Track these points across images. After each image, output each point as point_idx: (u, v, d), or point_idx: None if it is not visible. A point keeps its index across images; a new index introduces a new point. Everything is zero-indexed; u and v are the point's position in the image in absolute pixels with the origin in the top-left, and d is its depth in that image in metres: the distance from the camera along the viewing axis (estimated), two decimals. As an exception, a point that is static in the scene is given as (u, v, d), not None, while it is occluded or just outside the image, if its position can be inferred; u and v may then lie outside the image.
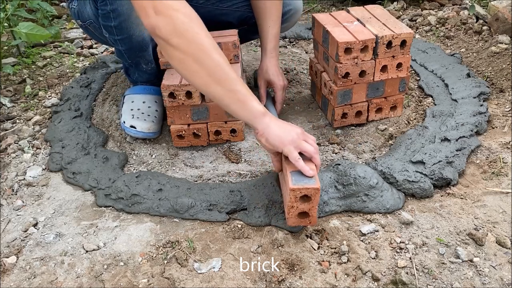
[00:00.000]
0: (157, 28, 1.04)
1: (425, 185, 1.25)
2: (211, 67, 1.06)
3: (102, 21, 1.38)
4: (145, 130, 1.49)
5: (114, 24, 1.36)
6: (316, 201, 1.07)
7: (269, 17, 1.56)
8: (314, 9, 2.71)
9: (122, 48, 1.45)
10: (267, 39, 1.57)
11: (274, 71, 1.59)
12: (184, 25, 1.04)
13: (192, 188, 1.28)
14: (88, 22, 1.49)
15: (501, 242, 1.10)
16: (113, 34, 1.40)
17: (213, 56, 1.06)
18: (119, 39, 1.40)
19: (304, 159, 1.10)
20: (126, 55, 1.48)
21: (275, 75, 1.58)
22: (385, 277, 1.04)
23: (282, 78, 1.60)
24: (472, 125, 1.45)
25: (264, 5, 1.55)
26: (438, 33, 2.19)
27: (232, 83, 1.08)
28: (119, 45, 1.44)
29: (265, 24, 1.57)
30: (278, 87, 1.58)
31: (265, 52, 1.59)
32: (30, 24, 1.85)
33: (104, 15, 1.35)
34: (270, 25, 1.56)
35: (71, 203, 1.31)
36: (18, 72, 2.06)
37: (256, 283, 1.04)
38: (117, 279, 1.07)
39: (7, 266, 1.11)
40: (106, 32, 1.42)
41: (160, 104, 1.59)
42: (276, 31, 1.58)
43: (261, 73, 1.60)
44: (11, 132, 1.64)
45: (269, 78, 1.59)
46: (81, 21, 1.52)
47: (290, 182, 1.06)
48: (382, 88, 1.50)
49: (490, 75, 1.76)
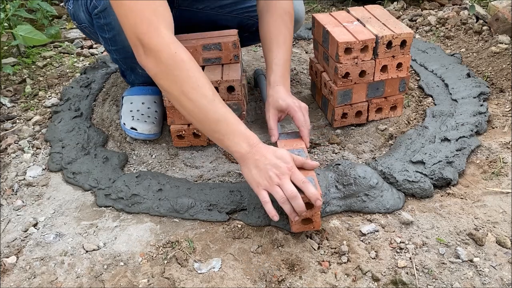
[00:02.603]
0: (146, 68, 1.11)
1: (425, 185, 1.25)
2: (189, 109, 1.10)
3: (97, 30, 1.39)
4: (146, 132, 1.49)
5: (108, 36, 1.37)
6: (319, 207, 1.08)
7: (274, 43, 1.37)
8: (314, 9, 2.71)
9: (117, 56, 1.46)
10: (272, 71, 1.36)
11: (284, 96, 1.32)
12: (168, 67, 1.08)
13: (192, 188, 1.28)
14: (83, 25, 1.50)
15: (501, 242, 1.10)
16: (108, 44, 1.41)
17: (191, 97, 1.09)
18: (114, 49, 1.41)
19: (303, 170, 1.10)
20: (121, 62, 1.49)
21: (287, 99, 1.31)
22: (385, 277, 1.04)
23: (297, 100, 1.33)
24: (472, 125, 1.45)
25: (268, 28, 1.39)
26: (438, 33, 2.19)
27: (212, 124, 1.10)
28: (114, 54, 1.45)
29: (269, 53, 1.38)
30: (295, 108, 1.29)
31: (270, 85, 1.36)
32: (28, 27, 1.87)
33: (99, 27, 1.36)
34: (275, 55, 1.37)
35: (71, 203, 1.31)
36: (18, 72, 2.06)
37: (256, 283, 1.04)
38: (117, 279, 1.07)
39: (7, 266, 1.11)
40: (101, 40, 1.43)
41: (159, 104, 1.58)
42: (284, 58, 1.37)
43: (268, 104, 1.34)
44: (11, 132, 1.64)
45: (279, 105, 1.31)
46: (77, 23, 1.52)
47: None
48: (382, 88, 1.50)
49: (490, 75, 1.76)
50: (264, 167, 1.06)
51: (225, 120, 1.10)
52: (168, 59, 1.07)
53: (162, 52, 1.07)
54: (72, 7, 1.48)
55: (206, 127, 1.13)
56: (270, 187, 1.06)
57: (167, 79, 1.10)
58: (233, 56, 1.44)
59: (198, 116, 1.11)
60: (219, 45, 1.41)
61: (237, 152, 1.10)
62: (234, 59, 1.45)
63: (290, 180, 1.05)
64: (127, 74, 1.60)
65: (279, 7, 1.39)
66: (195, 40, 1.43)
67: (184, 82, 1.09)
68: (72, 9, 1.49)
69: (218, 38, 1.43)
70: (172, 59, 1.08)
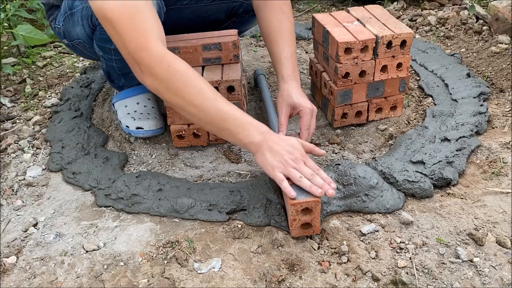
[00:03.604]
0: (146, 85, 1.13)
1: (425, 185, 1.25)
2: (196, 114, 1.13)
3: (100, 43, 1.38)
4: (153, 128, 1.48)
5: (113, 47, 1.36)
6: (317, 212, 1.08)
7: (279, 36, 1.38)
8: (314, 9, 2.71)
9: (116, 65, 1.45)
10: (282, 65, 1.36)
11: (298, 93, 1.33)
12: (166, 82, 1.10)
13: (192, 188, 1.28)
14: (76, 42, 1.47)
15: (501, 242, 1.10)
16: (110, 55, 1.41)
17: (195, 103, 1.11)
18: (115, 59, 1.41)
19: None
20: (117, 68, 1.48)
21: (301, 98, 1.32)
22: (385, 277, 1.04)
23: (309, 102, 1.33)
24: (472, 125, 1.45)
25: (269, 22, 1.39)
26: (438, 33, 2.19)
27: (220, 123, 1.13)
28: (114, 62, 1.44)
29: (276, 47, 1.38)
30: (307, 110, 1.30)
31: (283, 78, 1.36)
32: (29, 27, 1.87)
33: (103, 39, 1.35)
34: (282, 48, 1.37)
35: (71, 203, 1.31)
36: (18, 72, 2.06)
37: (256, 283, 1.04)
38: (117, 279, 1.07)
39: (7, 266, 1.11)
40: (100, 51, 1.42)
41: (153, 100, 1.58)
42: (291, 50, 1.37)
43: (282, 98, 1.34)
44: (11, 132, 1.64)
45: (293, 102, 1.31)
46: (68, 40, 1.49)
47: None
48: (382, 88, 1.50)
49: (490, 75, 1.76)
50: (278, 151, 1.10)
51: (232, 116, 1.12)
52: (163, 74, 1.09)
53: (156, 69, 1.08)
54: (62, 25, 1.45)
55: (215, 128, 1.15)
56: (286, 169, 1.09)
57: (168, 92, 1.12)
58: (233, 56, 1.44)
59: (206, 119, 1.13)
60: (219, 45, 1.41)
61: (251, 143, 1.12)
62: (234, 59, 1.45)
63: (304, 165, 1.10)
64: (115, 79, 1.55)
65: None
66: (195, 40, 1.43)
67: (185, 91, 1.11)
68: (62, 27, 1.46)
69: (218, 38, 1.43)
70: (168, 72, 1.09)
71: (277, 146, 1.11)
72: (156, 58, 1.08)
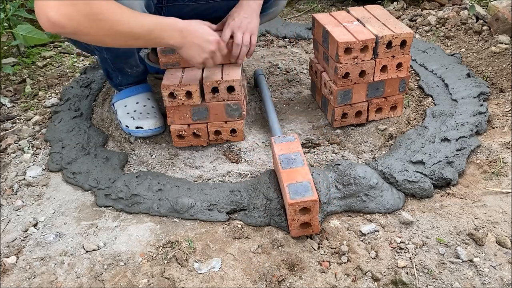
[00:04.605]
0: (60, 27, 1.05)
1: (425, 185, 1.25)
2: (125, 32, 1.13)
3: None
4: (153, 127, 1.48)
5: None
6: (316, 211, 1.08)
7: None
8: (314, 9, 2.71)
9: (107, 56, 1.45)
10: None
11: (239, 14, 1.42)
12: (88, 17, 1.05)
13: (192, 188, 1.28)
14: None
15: (501, 242, 1.10)
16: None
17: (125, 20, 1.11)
18: (106, 48, 1.41)
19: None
20: (110, 62, 1.47)
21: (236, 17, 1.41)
22: (385, 277, 1.04)
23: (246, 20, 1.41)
24: (472, 125, 1.45)
25: None
26: (438, 33, 2.19)
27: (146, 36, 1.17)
28: (105, 53, 1.44)
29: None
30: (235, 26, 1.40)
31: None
32: (29, 26, 1.87)
33: None
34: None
35: (71, 203, 1.31)
36: (18, 72, 2.06)
37: (256, 283, 1.04)
38: (117, 279, 1.07)
39: (7, 266, 1.11)
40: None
41: (152, 99, 1.58)
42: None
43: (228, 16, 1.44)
44: (11, 132, 1.64)
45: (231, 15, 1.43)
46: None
47: (288, 196, 1.07)
48: (382, 88, 1.50)
49: (490, 75, 1.76)
50: (198, 45, 1.25)
51: (156, 21, 1.18)
52: (84, 8, 1.04)
53: (76, 4, 1.03)
54: None
55: (146, 39, 1.18)
56: (207, 61, 1.29)
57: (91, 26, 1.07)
58: (233, 56, 1.44)
59: (136, 33, 1.14)
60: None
61: (174, 44, 1.23)
62: (234, 59, 1.45)
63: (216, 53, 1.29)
64: (113, 76, 1.56)
65: None
66: (195, 40, 1.43)
67: (110, 18, 1.08)
68: None
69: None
70: (89, 6, 1.04)
71: (196, 40, 1.24)
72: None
